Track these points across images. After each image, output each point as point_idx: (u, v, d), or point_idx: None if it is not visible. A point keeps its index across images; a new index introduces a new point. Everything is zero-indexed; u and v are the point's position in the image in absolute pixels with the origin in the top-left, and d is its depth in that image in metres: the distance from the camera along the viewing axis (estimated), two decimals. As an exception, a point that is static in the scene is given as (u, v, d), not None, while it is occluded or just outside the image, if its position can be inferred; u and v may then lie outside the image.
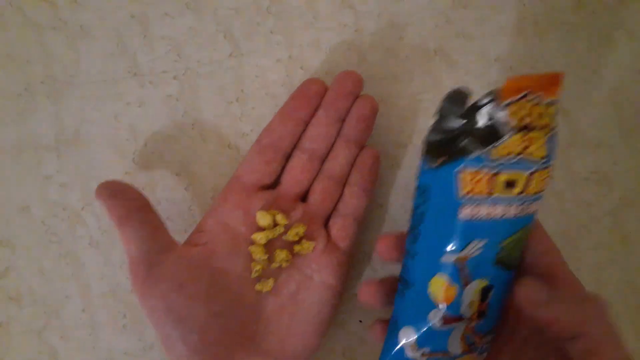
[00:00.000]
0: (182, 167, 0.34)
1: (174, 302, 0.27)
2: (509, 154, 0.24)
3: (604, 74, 0.34)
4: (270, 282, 0.30)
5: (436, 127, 0.25)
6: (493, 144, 0.24)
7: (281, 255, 0.30)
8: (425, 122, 0.34)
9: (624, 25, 0.34)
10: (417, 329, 0.26)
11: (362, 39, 0.34)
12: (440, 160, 0.25)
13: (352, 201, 0.31)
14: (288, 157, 0.31)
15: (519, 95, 0.24)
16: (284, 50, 0.34)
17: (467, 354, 0.27)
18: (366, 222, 0.34)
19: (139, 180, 0.34)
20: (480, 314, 0.26)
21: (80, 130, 0.34)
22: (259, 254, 0.30)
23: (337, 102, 0.30)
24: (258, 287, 0.30)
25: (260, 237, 0.30)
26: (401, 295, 0.27)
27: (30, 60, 0.35)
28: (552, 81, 0.25)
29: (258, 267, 0.30)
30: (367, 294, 0.28)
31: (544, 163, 0.25)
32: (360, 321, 0.34)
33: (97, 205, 0.34)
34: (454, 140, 0.25)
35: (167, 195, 0.34)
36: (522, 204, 0.25)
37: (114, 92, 0.34)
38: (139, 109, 0.34)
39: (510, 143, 0.24)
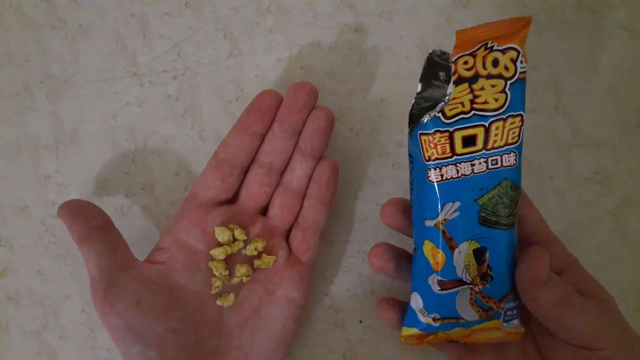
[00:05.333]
0: (181, 167, 0.34)
1: (132, 319, 0.27)
2: (461, 112, 0.24)
3: (605, 74, 0.34)
4: (231, 297, 0.30)
5: (417, 94, 0.25)
6: (440, 105, 0.24)
7: (241, 270, 0.30)
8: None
9: (625, 24, 0.34)
10: (422, 295, 0.27)
11: (362, 38, 0.34)
12: (409, 128, 0.25)
13: (312, 214, 0.31)
14: (246, 172, 0.31)
15: (472, 50, 0.24)
16: (284, 49, 0.34)
17: (488, 321, 0.26)
18: (366, 223, 0.34)
19: (138, 180, 0.34)
20: (484, 276, 0.25)
21: (79, 130, 0.34)
22: (218, 270, 0.29)
23: (291, 116, 0.30)
24: (219, 302, 0.30)
25: (218, 253, 0.30)
26: (413, 263, 0.27)
27: (29, 59, 0.35)
28: (511, 27, 0.24)
29: (218, 283, 0.30)
30: (378, 261, 0.29)
31: (501, 113, 0.24)
32: (361, 321, 0.34)
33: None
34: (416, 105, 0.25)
35: (166, 196, 0.34)
36: (489, 158, 0.25)
37: (113, 92, 0.34)
38: (138, 109, 0.34)
39: (456, 96, 0.24)
